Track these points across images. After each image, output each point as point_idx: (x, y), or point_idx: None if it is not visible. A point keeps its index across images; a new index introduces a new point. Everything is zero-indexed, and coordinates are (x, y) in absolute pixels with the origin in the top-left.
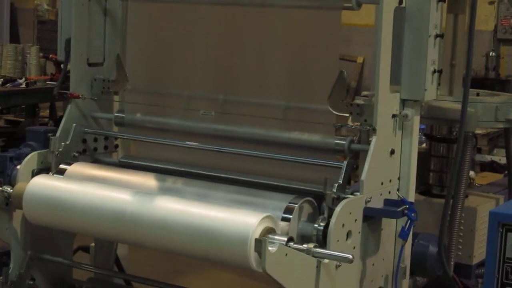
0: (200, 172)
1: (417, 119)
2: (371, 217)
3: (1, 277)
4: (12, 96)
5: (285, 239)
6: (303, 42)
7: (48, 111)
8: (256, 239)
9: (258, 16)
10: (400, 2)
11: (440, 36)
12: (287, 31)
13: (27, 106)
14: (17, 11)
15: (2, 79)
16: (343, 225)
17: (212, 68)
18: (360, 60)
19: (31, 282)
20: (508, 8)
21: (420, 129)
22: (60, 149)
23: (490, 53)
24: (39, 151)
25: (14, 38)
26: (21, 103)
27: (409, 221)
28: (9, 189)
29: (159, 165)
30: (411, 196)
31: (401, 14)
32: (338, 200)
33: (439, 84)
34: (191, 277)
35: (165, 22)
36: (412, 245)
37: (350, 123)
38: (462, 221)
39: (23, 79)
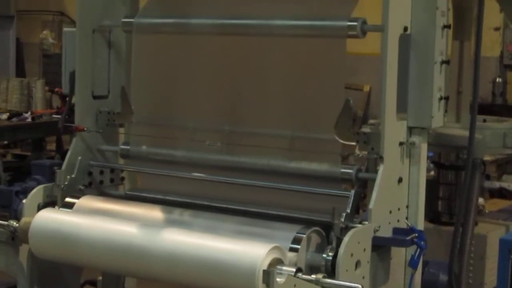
0: (207, 203)
1: (424, 146)
2: (380, 246)
3: None
4: (18, 130)
5: (294, 270)
6: (309, 71)
7: (55, 144)
8: (264, 271)
9: (263, 45)
10: (405, 29)
11: (446, 62)
12: (292, 60)
13: (33, 140)
14: (23, 45)
15: (8, 114)
16: (351, 254)
17: (217, 99)
18: (366, 88)
19: None
20: None
21: (428, 156)
22: (66, 183)
23: (497, 79)
24: (44, 184)
25: (20, 72)
26: (28, 137)
27: (418, 249)
28: (15, 223)
29: (166, 197)
30: (420, 224)
31: (406, 41)
32: (346, 229)
33: (446, 111)
34: None
35: (169, 53)
36: (422, 273)
37: (357, 151)
38: (472, 249)
39: (29, 113)
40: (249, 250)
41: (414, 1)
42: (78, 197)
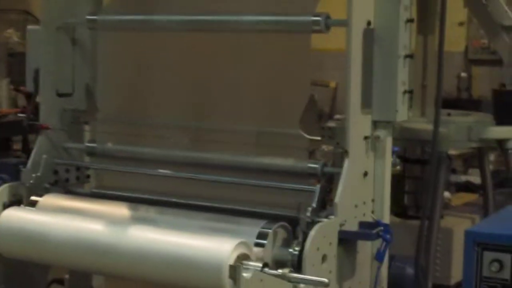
0: (174, 200)
1: (389, 140)
2: (347, 240)
3: None
4: None
5: (260, 265)
6: (273, 66)
7: (21, 144)
8: (230, 266)
9: (228, 41)
10: (369, 24)
11: (409, 56)
12: (257, 56)
13: None
14: None
15: None
16: (318, 249)
17: (184, 95)
18: (333, 84)
19: None
20: (478, 29)
21: (393, 151)
22: (31, 181)
23: (462, 74)
24: (9, 183)
25: None
26: None
27: (384, 243)
28: None
29: (132, 195)
30: (386, 218)
31: (370, 35)
32: (312, 224)
33: (410, 105)
34: None
35: (135, 50)
36: (389, 267)
37: (323, 146)
38: (439, 242)
39: None
40: (215, 245)
41: None
42: (43, 196)
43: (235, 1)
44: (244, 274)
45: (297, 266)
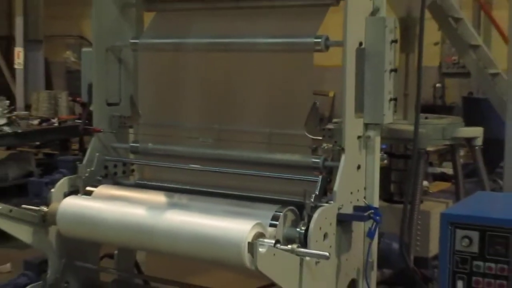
0: (201, 189)
1: (378, 139)
2: (344, 221)
3: (41, 282)
4: (47, 133)
5: (273, 241)
6: (283, 79)
7: (78, 144)
8: (249, 243)
9: (245, 59)
10: (360, 44)
11: (394, 70)
12: (269, 71)
13: (60, 141)
14: (50, 63)
15: (39, 120)
16: (320, 228)
17: (209, 103)
18: (331, 94)
19: (66, 285)
20: (450, 48)
21: (381, 148)
22: (86, 174)
23: (437, 85)
24: (69, 176)
25: (48, 85)
26: (55, 139)
27: (374, 223)
28: (45, 208)
29: (168, 185)
30: (376, 203)
31: (362, 54)
32: (315, 208)
33: (395, 111)
34: (198, 277)
35: (168, 67)
36: (378, 243)
37: (324, 144)
38: (419, 222)
39: (56, 119)
40: (236, 226)
41: (367, 20)
42: (96, 186)
43: (252, 25)
44: (260, 249)
45: (303, 242)
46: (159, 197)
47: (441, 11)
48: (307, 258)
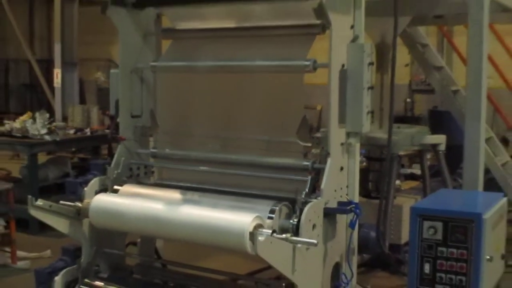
0: (210, 187)
1: (358, 145)
2: (329, 214)
3: (76, 265)
4: (81, 141)
5: (270, 231)
6: (278, 95)
7: (107, 150)
8: (250, 232)
9: (246, 79)
10: (343, 66)
11: (371, 88)
12: (268, 89)
13: (92, 147)
14: (84, 82)
15: (74, 130)
16: (310, 220)
17: (216, 115)
18: (319, 107)
19: (97, 268)
20: (418, 69)
21: (361, 153)
22: (114, 175)
23: (407, 100)
24: (99, 177)
25: (82, 101)
26: (88, 145)
27: (355, 215)
28: (79, 204)
29: (182, 184)
30: (356, 198)
31: (344, 74)
32: (305, 203)
33: (372, 121)
34: (208, 260)
35: (182, 85)
36: (359, 232)
37: (313, 150)
38: (393, 215)
39: (88, 128)
40: (240, 218)
41: (348, 46)
42: (122, 185)
43: (252, 51)
44: (259, 238)
45: (296, 232)
46: (175, 194)
47: (410, 38)
48: (299, 245)
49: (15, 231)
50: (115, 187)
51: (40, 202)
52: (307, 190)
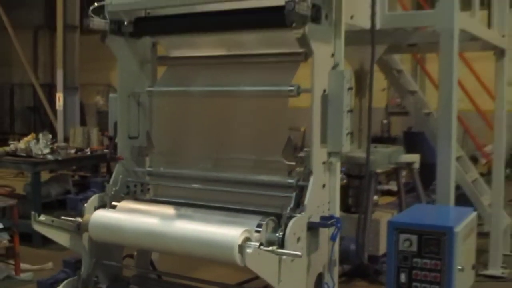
0: (202, 203)
1: (338, 164)
2: (312, 228)
3: (76, 277)
4: (82, 160)
5: (258, 244)
6: (266, 118)
7: (105, 168)
8: (239, 245)
9: (235, 103)
10: (324, 91)
11: (350, 111)
12: (255, 112)
13: (92, 166)
14: (84, 105)
15: (75, 149)
16: (294, 233)
17: (208, 136)
18: (303, 129)
19: (96, 279)
20: (394, 93)
21: (341, 170)
22: (112, 192)
23: (384, 121)
24: (98, 194)
25: (83, 123)
26: (88, 164)
27: (336, 229)
28: (79, 219)
29: (176, 200)
30: (337, 213)
31: (325, 98)
32: (290, 218)
33: (352, 142)
34: (201, 271)
35: (176, 109)
36: (340, 244)
37: (297, 168)
38: (371, 228)
39: (88, 149)
40: (229, 232)
41: (329, 73)
42: (119, 201)
43: (241, 77)
44: (248, 250)
45: (281, 244)
46: (169, 210)
47: (386, 65)
48: (284, 257)
49: (19, 245)
50: (113, 203)
51: (42, 217)
52: (291, 205)
